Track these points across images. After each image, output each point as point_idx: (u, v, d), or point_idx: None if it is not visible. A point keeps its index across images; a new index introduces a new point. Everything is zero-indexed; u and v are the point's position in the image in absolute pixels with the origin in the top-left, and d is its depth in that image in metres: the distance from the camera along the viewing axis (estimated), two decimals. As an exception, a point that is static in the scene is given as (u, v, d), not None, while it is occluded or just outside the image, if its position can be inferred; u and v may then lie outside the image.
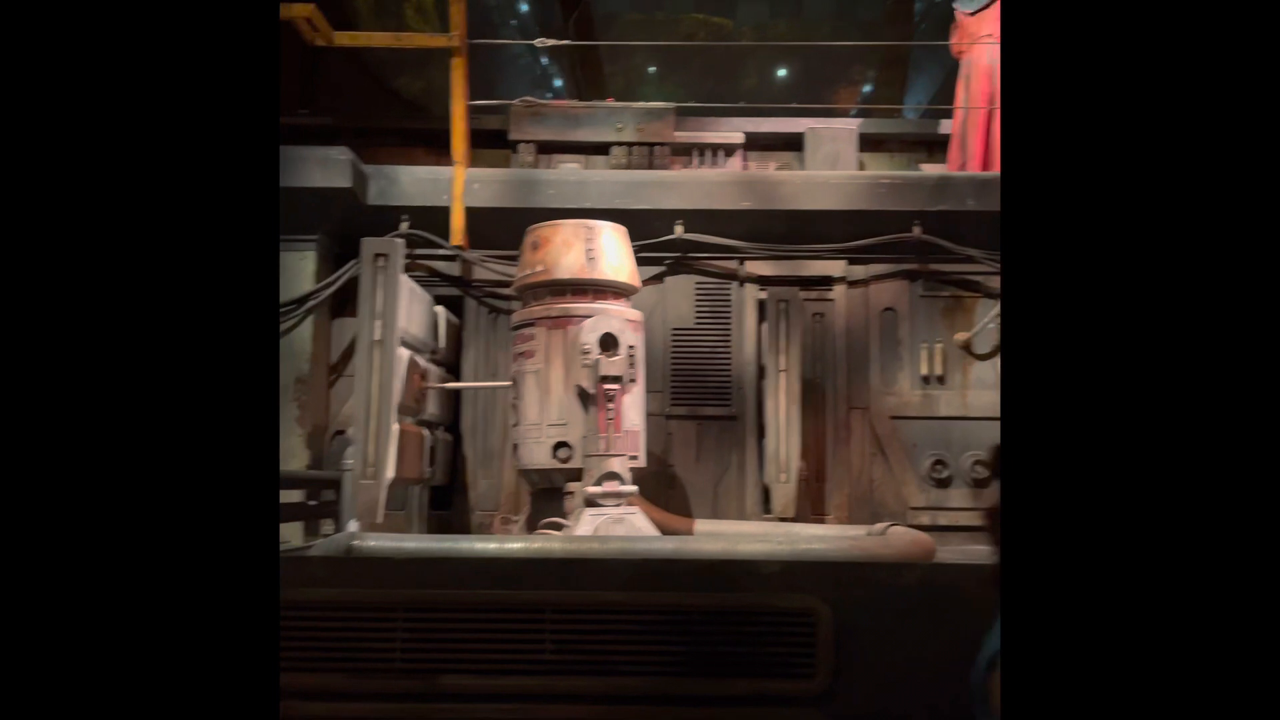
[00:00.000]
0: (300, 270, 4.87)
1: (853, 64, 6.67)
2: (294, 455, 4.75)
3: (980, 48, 5.65)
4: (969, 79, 5.68)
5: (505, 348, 4.98)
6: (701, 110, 5.66)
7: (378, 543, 2.96)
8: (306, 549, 3.64)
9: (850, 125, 5.64)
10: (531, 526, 4.22)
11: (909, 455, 5.12)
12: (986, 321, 4.83)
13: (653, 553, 2.88)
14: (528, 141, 5.40)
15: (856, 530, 3.96)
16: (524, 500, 4.77)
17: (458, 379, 5.10)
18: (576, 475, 4.01)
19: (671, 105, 5.45)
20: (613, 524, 3.76)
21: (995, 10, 5.60)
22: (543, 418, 4.14)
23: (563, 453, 4.08)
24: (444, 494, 5.12)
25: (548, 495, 4.25)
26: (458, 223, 4.98)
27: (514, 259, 4.58)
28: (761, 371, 5.01)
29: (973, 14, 5.76)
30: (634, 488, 3.92)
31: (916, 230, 5.04)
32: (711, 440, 5.12)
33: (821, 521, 5.02)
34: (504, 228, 4.91)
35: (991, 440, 4.90)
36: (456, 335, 5.16)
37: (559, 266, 4.20)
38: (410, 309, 4.27)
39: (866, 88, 6.72)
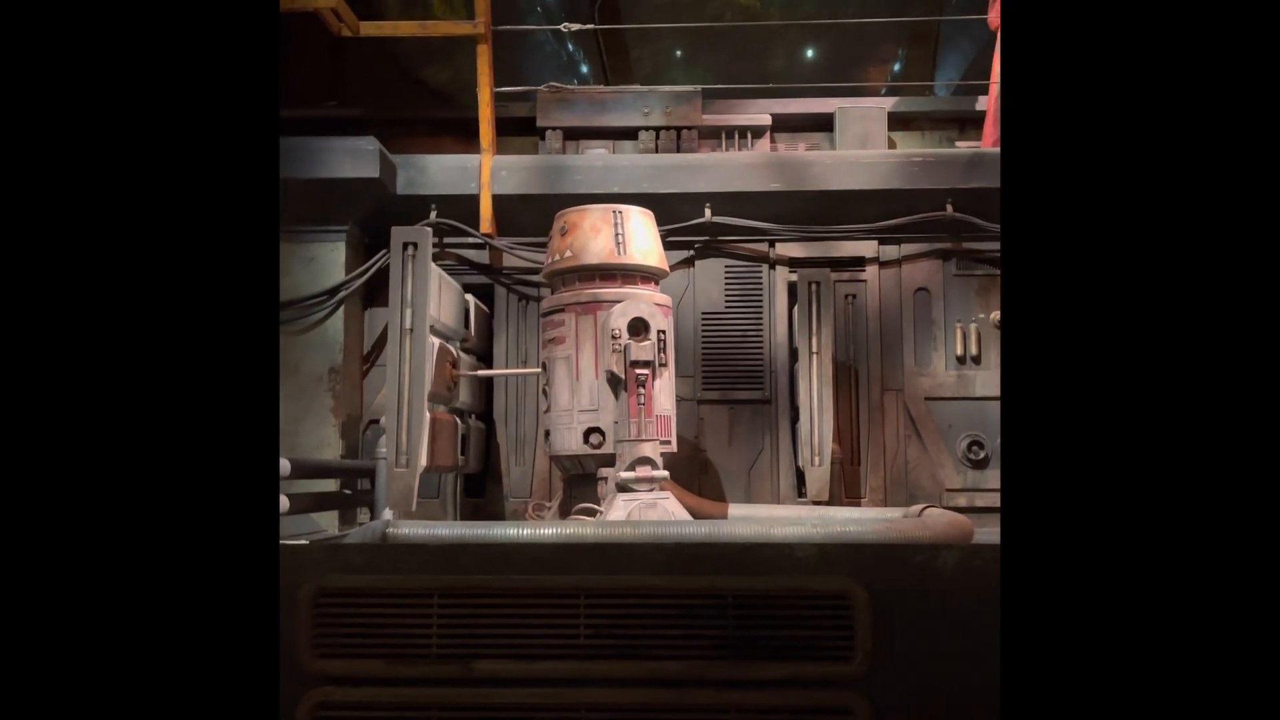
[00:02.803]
0: (331, 261, 4.90)
1: (882, 42, 6.55)
2: (329, 445, 4.79)
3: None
4: (1004, 53, 5.56)
5: (535, 334, 4.98)
6: (729, 92, 5.60)
7: (412, 530, 2.97)
8: (342, 537, 3.67)
9: (880, 104, 5.57)
10: (565, 513, 4.22)
11: (944, 436, 5.07)
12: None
13: (686, 536, 2.87)
14: (555, 128, 5.38)
15: (892, 512, 3.93)
16: (557, 487, 4.77)
17: (489, 366, 5.12)
18: (609, 461, 4.00)
19: (698, 88, 5.41)
20: (645, 509, 3.75)
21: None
22: (574, 404, 4.14)
23: (594, 438, 4.07)
24: (477, 481, 5.14)
25: (580, 481, 4.25)
26: (486, 210, 4.98)
27: (543, 245, 4.58)
28: (794, 354, 4.98)
29: (1009, -14, 5.63)
30: (666, 473, 3.90)
31: (949, 208, 4.97)
32: (744, 424, 5.09)
33: (857, 504, 4.99)
34: (532, 214, 4.91)
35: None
36: (487, 323, 5.17)
37: (587, 252, 4.19)
38: (440, 297, 4.28)
39: (896, 66, 6.61)
